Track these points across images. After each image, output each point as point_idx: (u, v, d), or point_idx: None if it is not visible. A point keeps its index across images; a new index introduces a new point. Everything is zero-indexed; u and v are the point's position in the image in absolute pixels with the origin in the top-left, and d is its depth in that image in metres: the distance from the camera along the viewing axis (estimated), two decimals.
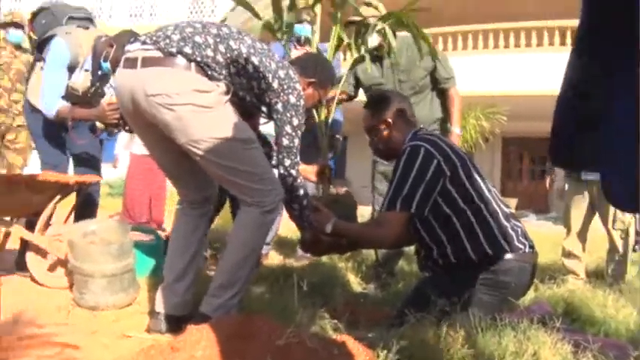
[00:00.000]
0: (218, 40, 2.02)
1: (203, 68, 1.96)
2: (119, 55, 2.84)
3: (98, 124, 3.25)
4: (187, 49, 1.94)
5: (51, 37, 3.06)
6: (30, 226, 2.88)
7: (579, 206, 3.92)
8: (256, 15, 2.75)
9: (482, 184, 2.21)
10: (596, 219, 3.95)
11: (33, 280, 2.79)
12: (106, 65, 2.97)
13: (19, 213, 2.88)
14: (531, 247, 2.20)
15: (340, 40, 2.82)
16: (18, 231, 2.80)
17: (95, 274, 2.37)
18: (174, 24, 2.08)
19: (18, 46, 4.88)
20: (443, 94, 3.46)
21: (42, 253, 2.77)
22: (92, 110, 2.98)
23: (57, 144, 3.19)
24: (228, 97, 2.00)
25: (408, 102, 2.52)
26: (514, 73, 11.57)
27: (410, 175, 2.14)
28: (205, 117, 1.92)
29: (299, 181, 2.24)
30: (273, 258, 3.86)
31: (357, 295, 3.00)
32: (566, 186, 4.12)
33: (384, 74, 3.33)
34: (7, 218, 2.87)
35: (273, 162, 2.39)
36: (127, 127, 2.99)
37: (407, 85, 3.27)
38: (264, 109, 2.20)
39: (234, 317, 1.82)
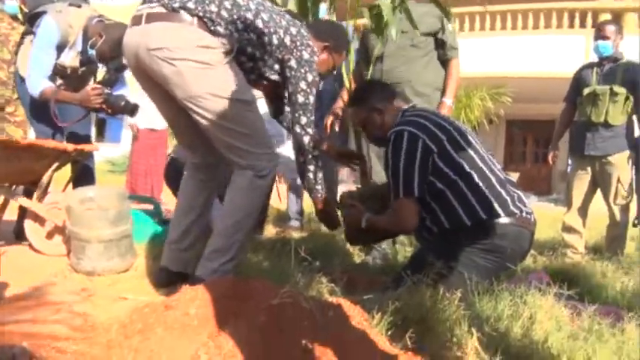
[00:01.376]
0: None
1: (206, 23, 1.94)
2: (105, 48, 2.85)
3: None
4: (190, 4, 1.94)
5: (42, 13, 3.01)
6: (28, 196, 2.88)
7: (581, 181, 3.90)
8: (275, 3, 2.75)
9: (472, 153, 2.19)
10: (598, 196, 3.94)
11: (31, 248, 2.80)
12: (92, 52, 2.95)
13: (18, 180, 2.87)
14: (529, 213, 2.19)
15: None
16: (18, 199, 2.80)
17: (92, 240, 2.37)
18: None
19: (15, 18, 4.83)
20: (444, 66, 3.42)
21: (40, 220, 2.77)
22: (76, 94, 2.96)
23: (48, 114, 3.17)
24: (232, 55, 1.98)
25: (388, 86, 2.55)
26: (520, 55, 11.47)
27: (400, 161, 2.16)
28: (205, 74, 1.92)
29: (316, 139, 2.24)
30: (270, 230, 3.85)
31: (356, 264, 2.99)
32: (569, 161, 4.09)
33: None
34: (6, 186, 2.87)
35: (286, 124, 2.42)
36: (109, 111, 2.98)
37: (407, 36, 3.22)
38: (276, 66, 2.17)
39: (229, 278, 1.82)
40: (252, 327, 1.47)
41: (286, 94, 2.23)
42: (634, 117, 3.78)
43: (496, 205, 2.12)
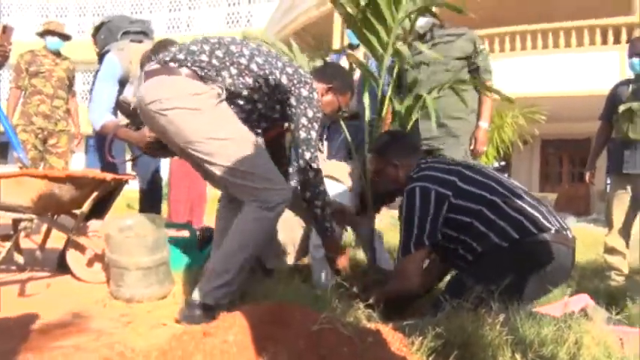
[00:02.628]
0: (216, 46, 2.11)
1: (196, 72, 2.03)
2: None
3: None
4: (180, 56, 2.06)
5: (107, 52, 3.14)
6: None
7: (622, 201, 3.79)
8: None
9: (489, 182, 2.22)
10: None
11: (73, 276, 2.85)
12: None
13: (59, 210, 2.94)
14: (564, 229, 2.15)
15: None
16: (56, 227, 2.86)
17: (130, 267, 2.40)
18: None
19: (58, 54, 5.02)
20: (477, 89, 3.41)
21: (80, 249, 2.83)
22: (133, 133, 2.96)
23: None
24: (221, 99, 2.04)
25: (411, 141, 2.60)
26: (553, 74, 11.33)
27: (414, 217, 2.20)
28: (197, 119, 1.98)
29: (321, 175, 2.25)
30: (303, 260, 3.83)
31: None
32: (608, 180, 3.99)
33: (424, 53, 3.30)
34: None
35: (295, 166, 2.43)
36: (167, 154, 2.95)
37: (441, 62, 3.20)
38: (277, 107, 2.22)
39: (267, 304, 1.81)
40: (291, 353, 1.46)
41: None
42: None
43: (527, 223, 2.10)
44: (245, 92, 2.11)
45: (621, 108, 3.74)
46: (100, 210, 3.05)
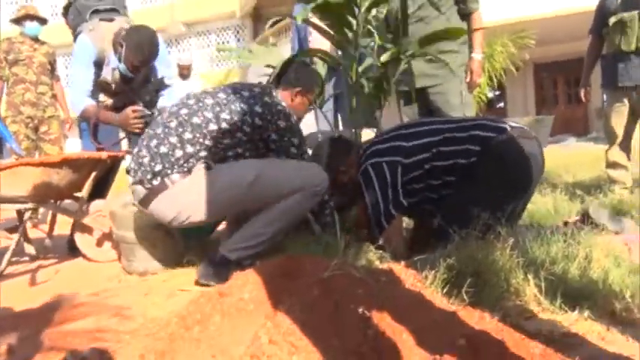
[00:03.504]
0: (180, 130, 2.08)
1: (178, 172, 2.05)
2: (128, 55, 2.84)
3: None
4: (158, 168, 2.05)
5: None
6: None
7: (620, 114, 3.75)
8: None
9: (430, 126, 2.29)
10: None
11: (85, 257, 2.87)
12: (123, 66, 2.92)
13: (62, 195, 2.93)
14: (518, 125, 2.21)
15: None
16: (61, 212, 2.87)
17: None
18: (144, 141, 2.15)
19: (36, 39, 4.91)
20: (465, 19, 3.34)
21: (88, 230, 2.84)
22: (116, 116, 2.92)
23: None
24: (212, 170, 2.07)
25: (340, 138, 2.63)
26: None
27: (377, 192, 2.23)
28: (213, 199, 2.05)
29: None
30: None
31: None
32: (604, 96, 3.95)
33: None
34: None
35: None
36: None
37: None
38: (261, 145, 2.23)
39: (277, 259, 1.83)
40: (306, 302, 1.48)
41: None
42: None
43: (482, 133, 2.15)
44: (230, 153, 2.14)
45: (612, 20, 3.67)
46: (101, 190, 3.04)
